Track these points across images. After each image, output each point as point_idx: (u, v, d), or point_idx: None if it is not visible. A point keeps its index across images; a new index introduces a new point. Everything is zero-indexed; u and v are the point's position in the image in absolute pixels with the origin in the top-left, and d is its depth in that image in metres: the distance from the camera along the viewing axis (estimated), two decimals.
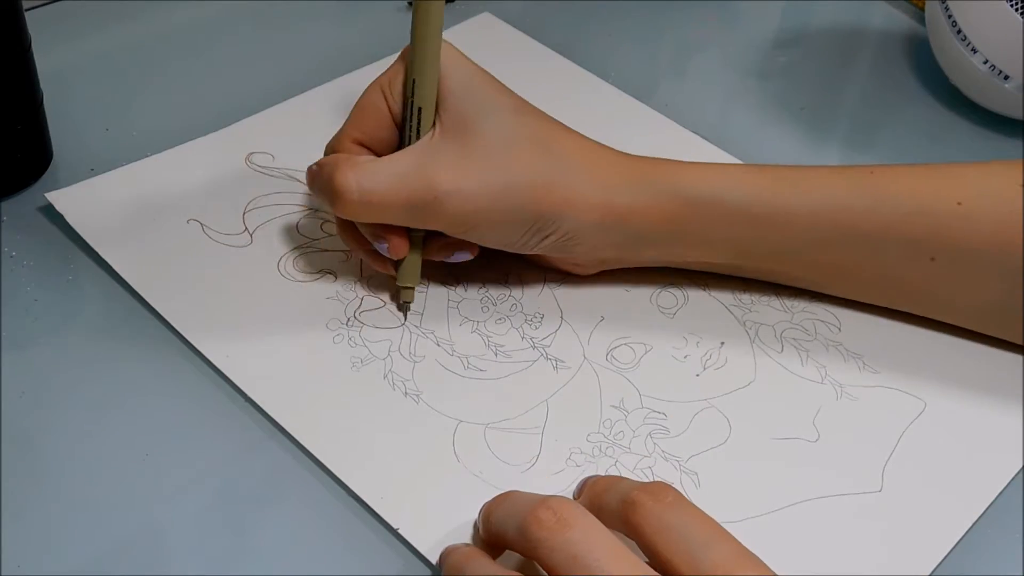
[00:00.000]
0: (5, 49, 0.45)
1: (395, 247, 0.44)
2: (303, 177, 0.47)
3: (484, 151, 0.42)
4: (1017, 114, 0.59)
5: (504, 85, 0.44)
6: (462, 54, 0.43)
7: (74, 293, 0.45)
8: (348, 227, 0.45)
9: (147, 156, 0.51)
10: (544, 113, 0.44)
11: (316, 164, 0.44)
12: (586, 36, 0.64)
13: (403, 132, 0.43)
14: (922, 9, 0.68)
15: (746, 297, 0.48)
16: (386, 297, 0.46)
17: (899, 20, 0.69)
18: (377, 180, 0.41)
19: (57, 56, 0.56)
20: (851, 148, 0.59)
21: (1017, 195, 0.43)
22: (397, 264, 0.45)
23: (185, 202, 0.49)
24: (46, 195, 0.48)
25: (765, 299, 0.48)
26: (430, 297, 0.47)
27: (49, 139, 0.50)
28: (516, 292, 0.47)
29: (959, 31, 0.58)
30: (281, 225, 0.49)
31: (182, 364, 0.43)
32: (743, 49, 0.65)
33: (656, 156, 0.45)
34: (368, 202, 0.41)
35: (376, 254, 0.45)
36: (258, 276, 0.46)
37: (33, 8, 0.59)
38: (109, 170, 0.50)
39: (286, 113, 0.55)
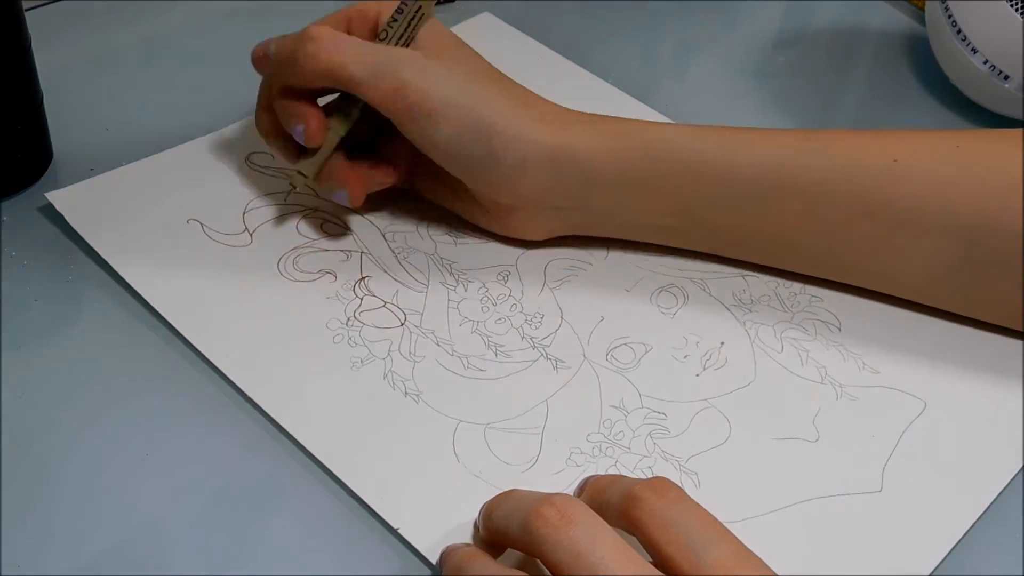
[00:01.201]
0: (5, 49, 0.45)
1: (311, 131, 0.45)
2: None
3: (452, 71, 0.44)
4: (1017, 114, 0.59)
5: (476, 52, 0.47)
6: (447, 29, 0.46)
7: (74, 293, 0.45)
8: (267, 112, 0.47)
9: (147, 156, 0.51)
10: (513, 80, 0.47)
11: (279, 36, 0.46)
12: (586, 36, 0.64)
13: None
14: (922, 9, 0.68)
15: (746, 297, 0.48)
16: (386, 297, 0.46)
17: (899, 20, 0.69)
18: (350, 41, 0.44)
19: (57, 56, 0.56)
20: None
21: (954, 155, 0.44)
22: (303, 155, 0.46)
23: (185, 202, 0.49)
24: (46, 195, 0.48)
25: (765, 299, 0.48)
26: (430, 297, 0.47)
27: (49, 139, 0.50)
28: (516, 292, 0.47)
29: (959, 31, 0.58)
30: (281, 225, 0.49)
31: (182, 364, 0.43)
32: (743, 49, 0.65)
33: None
34: (339, 45, 0.43)
35: (287, 146, 0.47)
36: (258, 276, 0.46)
37: (33, 8, 0.59)
38: (109, 170, 0.50)
39: None
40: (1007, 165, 0.43)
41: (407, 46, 0.45)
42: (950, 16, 0.58)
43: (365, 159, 0.47)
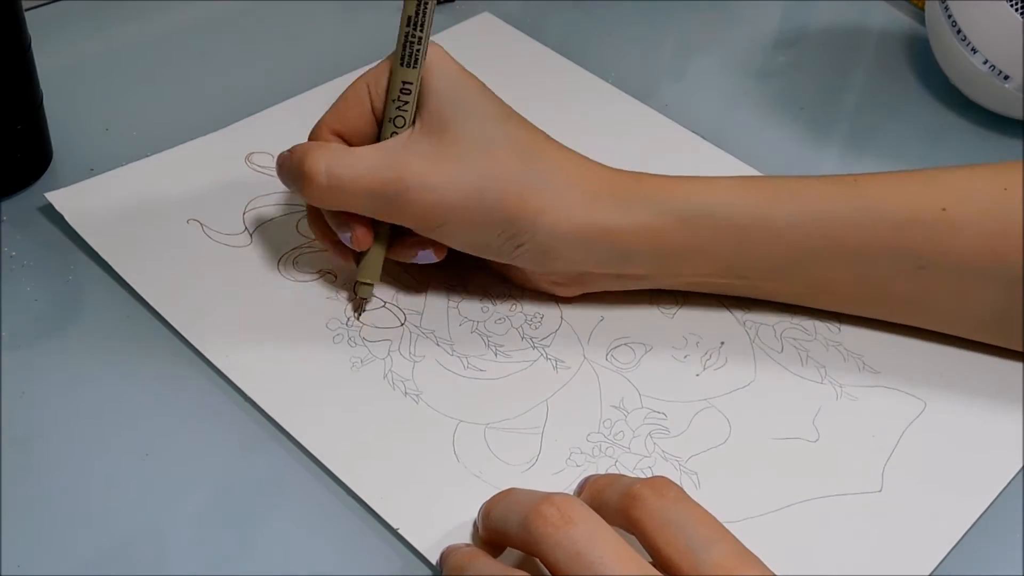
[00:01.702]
0: (5, 49, 0.45)
1: (359, 238, 0.43)
2: None
3: (460, 150, 0.41)
4: (1017, 114, 0.59)
5: (490, 90, 0.43)
6: (451, 58, 0.43)
7: (74, 293, 0.45)
8: (316, 216, 0.45)
9: (147, 156, 0.51)
10: (529, 122, 0.44)
11: (288, 150, 0.43)
12: (586, 36, 0.64)
13: (382, 127, 0.43)
14: (922, 9, 0.68)
15: (746, 297, 0.48)
16: (386, 297, 0.46)
17: (899, 20, 0.69)
18: (346, 166, 0.41)
19: (57, 56, 0.56)
20: (851, 148, 0.59)
21: (1001, 200, 0.43)
22: (358, 258, 0.45)
23: (185, 202, 0.49)
24: (46, 195, 0.48)
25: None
26: (430, 297, 0.47)
27: (49, 139, 0.50)
28: (516, 292, 0.47)
29: (959, 31, 0.58)
30: (281, 225, 0.49)
31: (182, 364, 0.43)
32: (743, 49, 0.65)
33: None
34: (335, 187, 0.41)
35: (340, 246, 0.44)
36: (258, 276, 0.46)
37: (33, 8, 0.59)
38: (109, 170, 0.50)
39: (286, 113, 0.55)
40: None
41: (414, 113, 0.43)
42: (950, 16, 0.58)
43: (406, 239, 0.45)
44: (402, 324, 0.45)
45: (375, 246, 0.44)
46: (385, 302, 0.46)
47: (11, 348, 0.43)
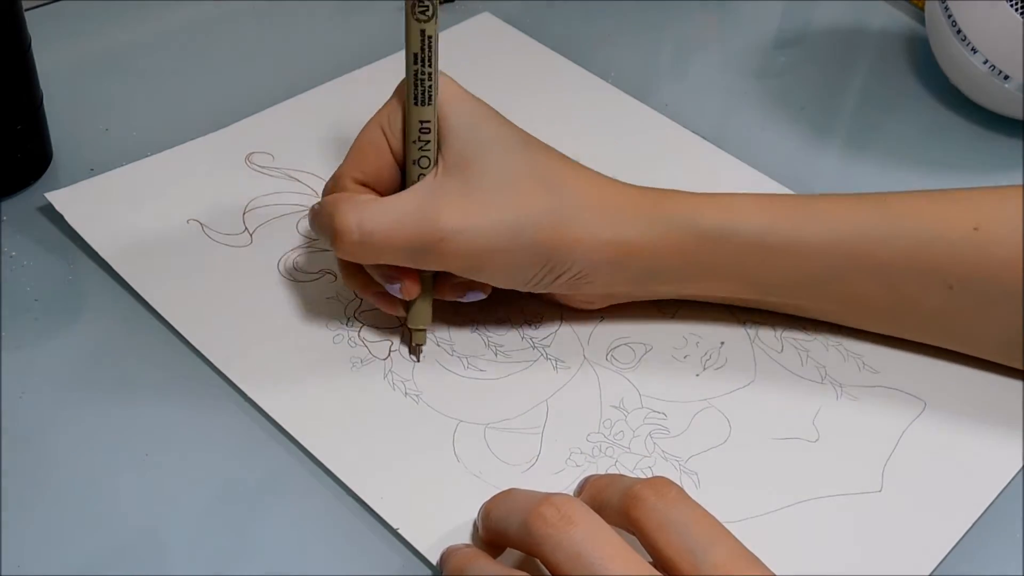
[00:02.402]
0: (5, 49, 0.45)
1: (408, 288, 0.42)
2: (303, 177, 0.47)
3: (489, 188, 0.40)
4: (1017, 114, 0.59)
5: (506, 119, 0.42)
6: (462, 88, 0.42)
7: (74, 293, 0.45)
8: (353, 269, 0.43)
9: (147, 156, 0.51)
10: (548, 147, 0.43)
11: (318, 203, 0.42)
12: (586, 36, 0.64)
13: (405, 170, 0.42)
14: (922, 9, 0.68)
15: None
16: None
17: (899, 20, 0.69)
18: (379, 220, 0.40)
19: (57, 56, 0.56)
20: (851, 148, 0.59)
21: None
22: (407, 305, 0.43)
23: (185, 202, 0.49)
24: (46, 195, 0.48)
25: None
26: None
27: (49, 139, 0.50)
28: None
29: (959, 31, 0.58)
30: (281, 225, 0.49)
31: (182, 364, 0.43)
32: (743, 49, 0.65)
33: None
34: (370, 243, 0.40)
35: (384, 296, 0.43)
36: (258, 276, 0.46)
37: (33, 8, 0.59)
38: (109, 170, 0.50)
39: (286, 113, 0.55)
40: None
41: (436, 153, 0.41)
42: (950, 16, 0.58)
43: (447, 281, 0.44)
44: (402, 324, 0.45)
45: (423, 292, 0.43)
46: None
47: (11, 348, 0.43)
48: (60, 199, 0.48)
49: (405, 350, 0.44)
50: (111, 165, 0.50)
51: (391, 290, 0.42)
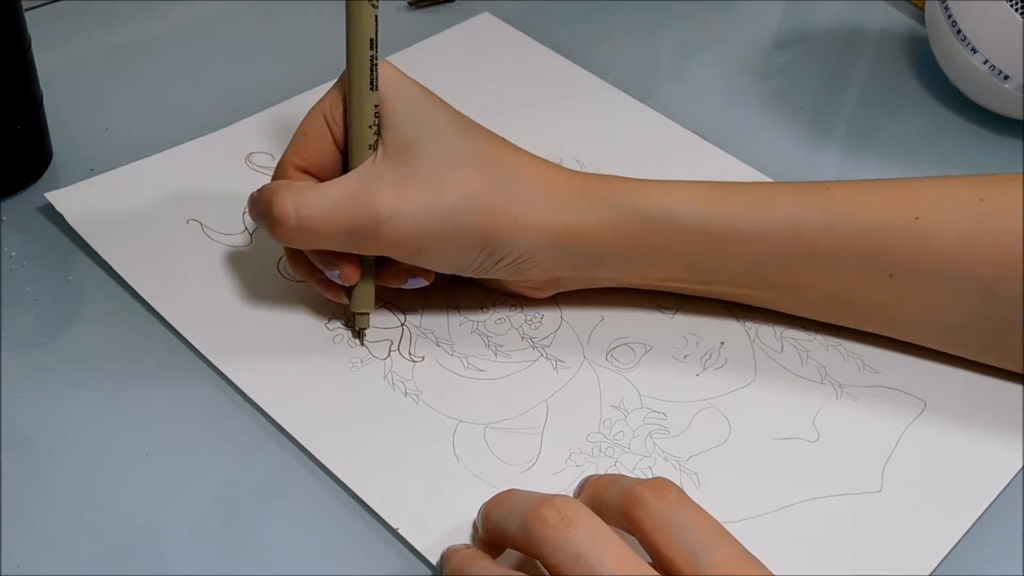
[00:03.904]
0: (5, 49, 0.45)
1: (346, 274, 0.42)
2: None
3: (427, 173, 0.40)
4: (1017, 114, 0.59)
5: (449, 105, 0.42)
6: (404, 75, 0.42)
7: (74, 293, 0.45)
8: (297, 255, 0.43)
9: (147, 156, 0.51)
10: (491, 132, 0.43)
11: (257, 191, 0.42)
12: (586, 36, 0.64)
13: (345, 157, 0.42)
14: (922, 9, 0.68)
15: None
16: (386, 297, 0.46)
17: (899, 20, 0.69)
18: (315, 206, 0.40)
19: (57, 56, 0.56)
20: (851, 148, 0.59)
21: (977, 210, 0.42)
22: (349, 291, 0.44)
23: (185, 202, 0.49)
24: (46, 195, 0.48)
25: None
26: (430, 297, 0.47)
27: (49, 139, 0.50)
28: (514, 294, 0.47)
29: (959, 31, 0.58)
30: None
31: (182, 364, 0.43)
32: (743, 49, 0.65)
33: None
34: (306, 228, 0.40)
35: (328, 282, 0.43)
36: (258, 276, 0.46)
37: (33, 8, 0.59)
38: (109, 170, 0.50)
39: (286, 113, 0.55)
40: None
41: (375, 138, 0.42)
42: (950, 16, 0.58)
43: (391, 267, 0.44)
44: (402, 324, 0.45)
45: (364, 277, 0.43)
46: (385, 302, 0.46)
47: (11, 348, 0.43)
48: (60, 199, 0.48)
49: (405, 350, 0.44)
50: (111, 165, 0.50)
51: (331, 276, 0.43)
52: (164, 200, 0.49)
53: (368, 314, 0.44)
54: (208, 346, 0.43)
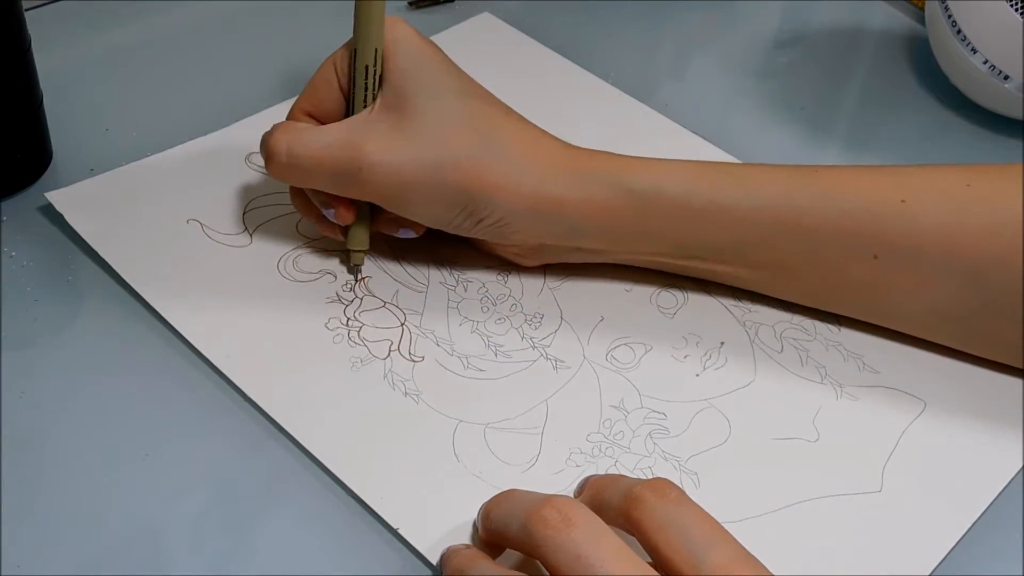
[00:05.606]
0: (5, 49, 0.45)
1: (341, 214, 0.45)
2: None
3: (417, 127, 0.42)
4: (1017, 114, 0.59)
5: (454, 65, 0.44)
6: (414, 32, 0.44)
7: (74, 293, 0.45)
8: (297, 192, 0.46)
9: (147, 156, 0.51)
10: (493, 98, 0.45)
11: (268, 130, 0.45)
12: (586, 36, 0.64)
13: (351, 105, 0.44)
14: (922, 9, 0.68)
15: (746, 297, 0.48)
16: (386, 297, 0.46)
17: (899, 20, 0.69)
18: (307, 145, 0.43)
19: (57, 56, 0.56)
20: (851, 148, 0.59)
21: (963, 196, 0.43)
22: (344, 230, 0.46)
23: (185, 202, 0.49)
24: (46, 195, 0.48)
25: (765, 299, 0.48)
26: (430, 297, 0.47)
27: (49, 139, 0.50)
28: (516, 292, 0.47)
29: (959, 31, 0.58)
30: (281, 225, 0.49)
31: (182, 364, 0.43)
32: (743, 49, 0.65)
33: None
34: (296, 166, 0.43)
35: (325, 220, 0.46)
36: (258, 276, 0.46)
37: (33, 8, 0.59)
38: (109, 170, 0.50)
39: (286, 113, 0.54)
40: (1017, 204, 0.42)
41: (378, 87, 0.44)
42: (950, 16, 0.58)
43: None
44: (402, 324, 0.45)
45: (359, 219, 0.46)
46: (385, 302, 0.46)
47: (11, 348, 0.43)
48: (60, 199, 0.48)
49: (405, 350, 0.44)
50: (111, 165, 0.50)
51: (327, 215, 0.45)
52: (164, 200, 0.49)
53: (363, 252, 0.47)
54: (208, 346, 0.43)
